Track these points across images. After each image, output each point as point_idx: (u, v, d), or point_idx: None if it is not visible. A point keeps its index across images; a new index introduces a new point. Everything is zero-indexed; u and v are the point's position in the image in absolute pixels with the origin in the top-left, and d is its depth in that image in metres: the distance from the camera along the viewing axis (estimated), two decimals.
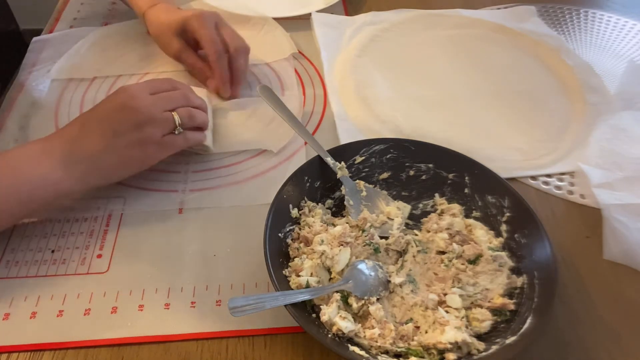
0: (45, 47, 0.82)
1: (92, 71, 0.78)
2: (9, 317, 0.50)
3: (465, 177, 0.58)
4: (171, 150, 0.59)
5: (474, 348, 0.45)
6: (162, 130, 0.56)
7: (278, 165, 0.65)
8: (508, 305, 0.48)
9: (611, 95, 0.75)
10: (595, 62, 0.82)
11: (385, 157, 0.60)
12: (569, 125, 0.71)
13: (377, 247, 0.52)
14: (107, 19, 0.89)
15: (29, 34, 0.88)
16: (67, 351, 0.48)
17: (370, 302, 0.48)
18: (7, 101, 0.73)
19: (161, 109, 0.56)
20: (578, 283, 0.54)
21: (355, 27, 0.87)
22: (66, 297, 0.52)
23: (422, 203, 0.59)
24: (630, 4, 0.95)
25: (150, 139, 0.55)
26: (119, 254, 0.55)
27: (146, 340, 0.48)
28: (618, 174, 0.62)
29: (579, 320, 0.51)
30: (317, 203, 0.57)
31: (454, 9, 0.92)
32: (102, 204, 0.60)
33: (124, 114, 0.54)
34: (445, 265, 0.52)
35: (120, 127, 0.54)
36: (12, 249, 0.56)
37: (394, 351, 0.45)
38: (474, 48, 0.85)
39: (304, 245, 0.52)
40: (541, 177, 0.65)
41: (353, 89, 0.76)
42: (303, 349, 0.48)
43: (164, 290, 0.52)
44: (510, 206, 0.54)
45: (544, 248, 0.49)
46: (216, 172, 0.64)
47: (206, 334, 0.49)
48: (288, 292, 0.46)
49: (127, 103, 0.54)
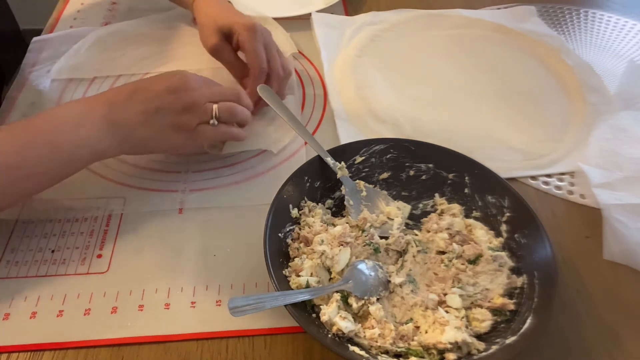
0: (45, 47, 0.82)
1: (92, 71, 0.78)
2: (9, 317, 0.50)
3: (465, 177, 0.58)
4: (201, 140, 0.59)
5: (474, 348, 0.45)
6: (198, 119, 0.57)
7: (278, 165, 0.65)
8: (508, 305, 0.48)
9: (611, 95, 0.75)
10: (595, 62, 0.82)
11: (385, 157, 0.60)
12: (569, 125, 0.71)
13: (377, 247, 0.52)
14: (107, 19, 0.90)
15: (29, 34, 0.88)
16: (67, 351, 0.48)
17: (370, 302, 0.48)
18: (8, 101, 0.73)
19: (206, 99, 0.57)
20: (578, 283, 0.54)
21: (355, 27, 0.87)
22: (66, 297, 0.52)
23: (422, 203, 0.59)
24: (630, 4, 0.95)
25: (186, 126, 0.57)
26: (119, 254, 0.55)
27: (146, 340, 0.48)
28: (618, 174, 0.62)
29: (579, 320, 0.51)
30: (317, 203, 0.57)
31: (454, 9, 0.92)
32: (102, 204, 0.60)
33: (171, 96, 0.56)
34: (445, 265, 0.52)
35: (163, 106, 0.55)
36: (12, 249, 0.56)
37: (394, 351, 0.45)
38: (474, 48, 0.85)
39: (304, 245, 0.52)
40: (541, 177, 0.65)
41: (353, 89, 0.76)
42: (303, 349, 0.48)
43: (164, 290, 0.52)
44: (510, 206, 0.54)
45: (544, 248, 0.49)
46: (216, 172, 0.64)
47: (206, 334, 0.49)
48: (288, 292, 0.46)
49: (178, 87, 0.56)
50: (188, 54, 0.83)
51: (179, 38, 0.85)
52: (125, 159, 0.65)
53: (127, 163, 0.65)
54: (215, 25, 0.71)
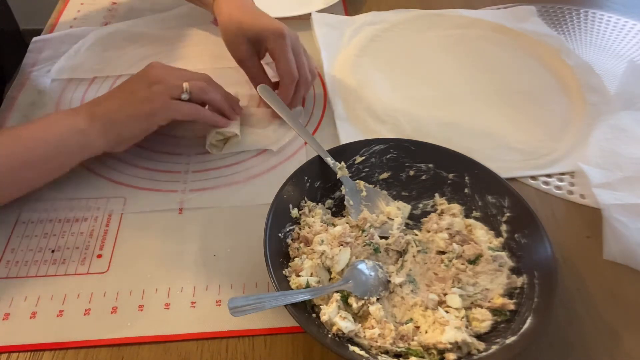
0: (45, 47, 0.82)
1: (92, 71, 0.78)
2: (9, 317, 0.50)
3: (465, 177, 0.58)
4: (176, 114, 0.60)
5: (474, 348, 0.45)
6: (169, 91, 0.60)
7: (278, 165, 0.65)
8: (508, 305, 0.48)
9: (611, 95, 0.75)
10: (595, 62, 0.82)
11: (385, 157, 0.60)
12: (569, 125, 0.71)
13: (377, 247, 0.52)
14: (107, 19, 0.90)
15: (29, 34, 0.88)
16: (67, 351, 0.48)
17: (370, 302, 0.48)
18: (8, 101, 0.73)
19: (175, 77, 0.61)
20: (578, 283, 0.54)
21: (355, 27, 0.87)
22: (66, 297, 0.52)
23: (422, 203, 0.59)
24: (630, 4, 0.95)
25: (157, 95, 0.59)
26: (119, 254, 0.55)
27: (146, 340, 0.48)
28: (618, 174, 0.62)
29: (579, 320, 0.51)
30: (317, 203, 0.57)
31: (454, 9, 0.92)
32: (102, 204, 0.60)
33: (140, 77, 0.61)
34: (445, 265, 0.52)
35: (134, 86, 0.60)
36: (12, 249, 0.56)
37: (394, 351, 0.45)
38: (474, 48, 0.85)
39: (304, 245, 0.52)
40: (541, 177, 0.65)
41: (353, 89, 0.76)
42: (303, 349, 0.48)
43: (164, 290, 0.52)
44: (510, 206, 0.54)
45: (544, 248, 0.49)
46: (216, 172, 0.64)
47: (206, 334, 0.49)
48: (288, 292, 0.46)
49: (146, 70, 0.61)
50: (188, 53, 0.83)
51: (179, 38, 0.85)
52: (125, 159, 0.65)
53: (127, 163, 0.65)
54: (242, 31, 0.67)
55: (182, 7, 0.90)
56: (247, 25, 0.67)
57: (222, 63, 0.77)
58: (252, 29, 0.67)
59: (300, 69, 0.67)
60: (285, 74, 0.66)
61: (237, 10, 0.69)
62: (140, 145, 0.65)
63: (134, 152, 0.65)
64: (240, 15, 0.68)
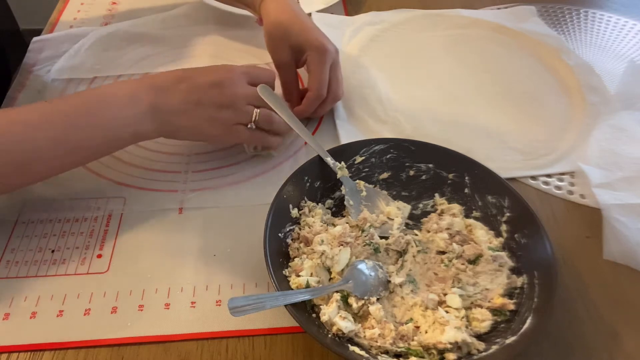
0: (45, 47, 0.82)
1: (92, 71, 0.78)
2: (9, 317, 0.50)
3: (465, 177, 0.58)
4: (235, 139, 0.62)
5: (474, 348, 0.45)
6: (237, 119, 0.59)
7: (278, 165, 0.65)
8: (508, 305, 0.48)
9: (611, 95, 0.75)
10: (595, 62, 0.82)
11: (385, 157, 0.60)
12: (569, 126, 0.71)
13: (377, 247, 0.52)
14: (107, 19, 0.90)
15: (29, 34, 0.88)
16: (67, 351, 0.48)
17: (370, 302, 0.48)
18: (8, 101, 0.73)
19: (247, 102, 0.59)
20: (578, 283, 0.54)
21: (355, 27, 0.87)
22: (66, 297, 0.52)
23: (422, 203, 0.59)
24: (630, 4, 0.95)
25: (223, 121, 0.58)
26: (119, 254, 0.55)
27: (146, 341, 0.48)
28: (618, 174, 0.62)
29: (579, 320, 0.51)
30: (317, 203, 0.57)
31: (454, 9, 0.92)
32: (102, 204, 0.60)
33: (214, 90, 0.58)
34: (445, 265, 0.52)
35: (205, 100, 0.57)
36: (12, 249, 0.56)
37: (394, 351, 0.45)
38: (474, 48, 0.85)
39: (304, 245, 0.52)
40: (541, 177, 0.65)
41: (353, 89, 0.76)
42: (303, 349, 0.48)
43: (164, 290, 0.52)
44: (510, 206, 0.54)
45: (544, 248, 0.49)
46: (216, 172, 0.64)
47: (206, 334, 0.49)
48: (288, 292, 0.46)
49: (222, 83, 0.58)
50: (188, 53, 0.83)
51: (180, 38, 0.85)
52: (125, 159, 0.65)
53: (127, 163, 0.65)
54: (287, 39, 0.67)
55: (182, 7, 0.90)
56: (294, 34, 0.67)
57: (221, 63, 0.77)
58: (297, 39, 0.67)
59: (332, 85, 0.67)
60: (314, 90, 0.66)
61: (284, 15, 0.68)
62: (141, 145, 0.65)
63: (134, 152, 0.65)
64: (288, 21, 0.68)
